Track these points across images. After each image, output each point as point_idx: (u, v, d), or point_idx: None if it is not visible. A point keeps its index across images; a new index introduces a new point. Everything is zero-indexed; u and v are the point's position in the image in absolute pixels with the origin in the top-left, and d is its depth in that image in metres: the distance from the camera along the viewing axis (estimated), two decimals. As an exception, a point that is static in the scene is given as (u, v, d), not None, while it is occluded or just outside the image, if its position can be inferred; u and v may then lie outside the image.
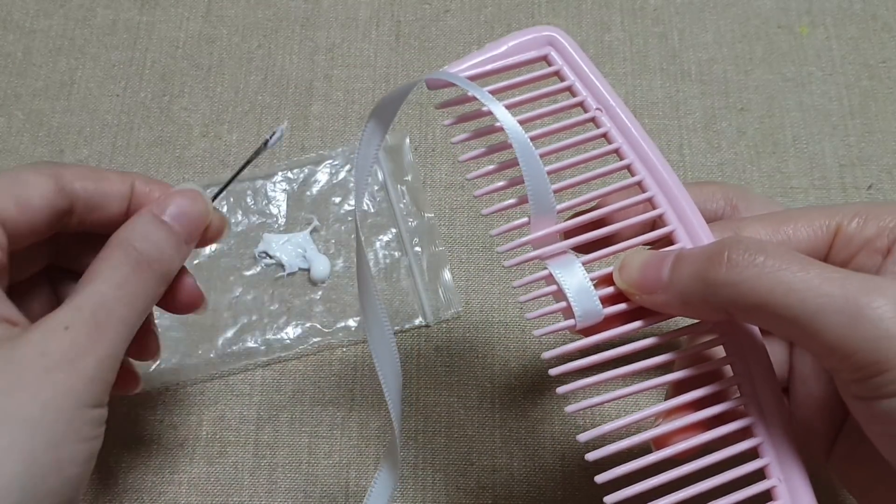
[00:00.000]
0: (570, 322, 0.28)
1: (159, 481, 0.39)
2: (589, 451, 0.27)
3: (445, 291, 0.43)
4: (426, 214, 0.45)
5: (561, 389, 0.28)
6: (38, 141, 0.47)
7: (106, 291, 0.27)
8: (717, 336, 0.29)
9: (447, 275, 0.43)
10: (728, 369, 0.29)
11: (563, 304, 0.28)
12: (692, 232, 0.29)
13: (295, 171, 0.46)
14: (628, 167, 0.30)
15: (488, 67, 0.30)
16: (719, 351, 0.29)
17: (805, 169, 0.46)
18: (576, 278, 0.28)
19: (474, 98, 0.29)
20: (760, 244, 0.25)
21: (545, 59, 0.31)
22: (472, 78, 0.30)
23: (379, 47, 0.50)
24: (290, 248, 0.44)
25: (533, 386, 0.41)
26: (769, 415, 0.28)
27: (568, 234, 0.30)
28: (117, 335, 0.27)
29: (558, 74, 0.31)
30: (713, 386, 0.28)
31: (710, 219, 0.32)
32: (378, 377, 0.31)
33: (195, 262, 0.44)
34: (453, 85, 0.29)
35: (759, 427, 0.27)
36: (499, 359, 0.42)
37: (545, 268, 0.29)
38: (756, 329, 0.29)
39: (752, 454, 0.27)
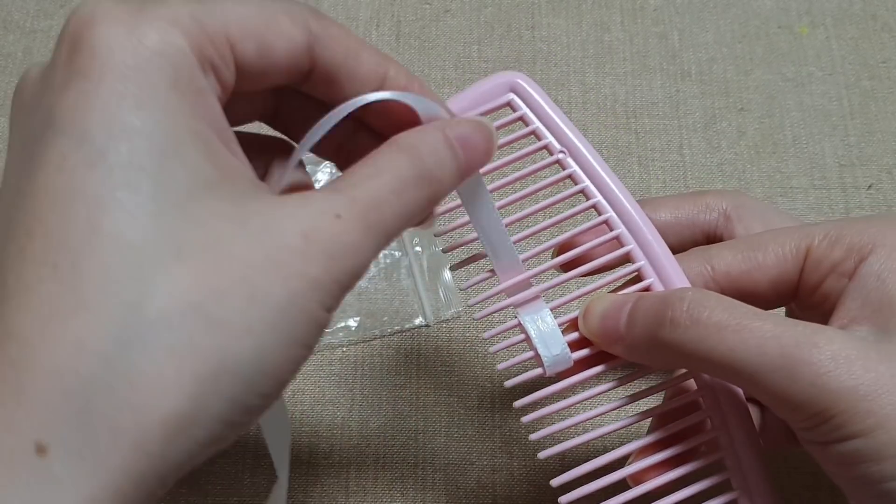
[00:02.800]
0: (539, 370, 0.29)
1: (159, 481, 0.39)
2: (562, 495, 0.28)
3: (445, 291, 0.43)
4: (426, 214, 0.45)
5: (534, 436, 0.29)
6: (38, 141, 0.47)
7: (384, 195, 0.23)
8: (687, 371, 0.29)
9: (447, 275, 0.43)
10: (700, 402, 0.29)
11: (533, 352, 0.29)
12: (659, 267, 0.30)
13: (295, 171, 0.46)
14: (595, 206, 0.30)
15: None
16: (692, 384, 0.30)
17: (805, 169, 0.46)
18: (544, 326, 0.29)
19: None
20: (703, 298, 0.26)
21: (509, 105, 0.30)
22: None
23: (379, 47, 0.49)
24: (290, 248, 0.44)
25: (533, 386, 0.41)
26: (739, 446, 0.28)
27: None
28: (377, 245, 0.24)
29: (522, 119, 0.30)
30: (685, 420, 0.29)
31: (705, 231, 0.32)
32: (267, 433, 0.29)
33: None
34: None
35: (730, 459, 0.29)
36: (499, 359, 0.42)
37: (515, 316, 0.30)
38: None
39: (724, 486, 0.28)
